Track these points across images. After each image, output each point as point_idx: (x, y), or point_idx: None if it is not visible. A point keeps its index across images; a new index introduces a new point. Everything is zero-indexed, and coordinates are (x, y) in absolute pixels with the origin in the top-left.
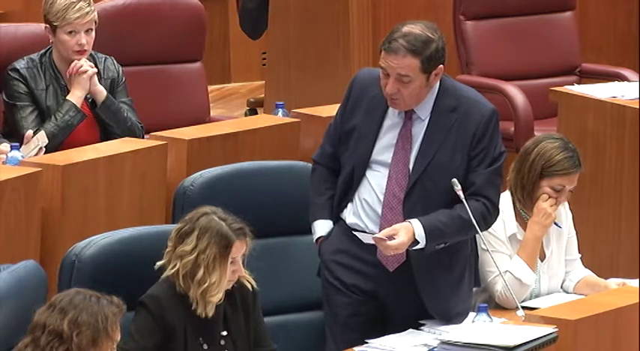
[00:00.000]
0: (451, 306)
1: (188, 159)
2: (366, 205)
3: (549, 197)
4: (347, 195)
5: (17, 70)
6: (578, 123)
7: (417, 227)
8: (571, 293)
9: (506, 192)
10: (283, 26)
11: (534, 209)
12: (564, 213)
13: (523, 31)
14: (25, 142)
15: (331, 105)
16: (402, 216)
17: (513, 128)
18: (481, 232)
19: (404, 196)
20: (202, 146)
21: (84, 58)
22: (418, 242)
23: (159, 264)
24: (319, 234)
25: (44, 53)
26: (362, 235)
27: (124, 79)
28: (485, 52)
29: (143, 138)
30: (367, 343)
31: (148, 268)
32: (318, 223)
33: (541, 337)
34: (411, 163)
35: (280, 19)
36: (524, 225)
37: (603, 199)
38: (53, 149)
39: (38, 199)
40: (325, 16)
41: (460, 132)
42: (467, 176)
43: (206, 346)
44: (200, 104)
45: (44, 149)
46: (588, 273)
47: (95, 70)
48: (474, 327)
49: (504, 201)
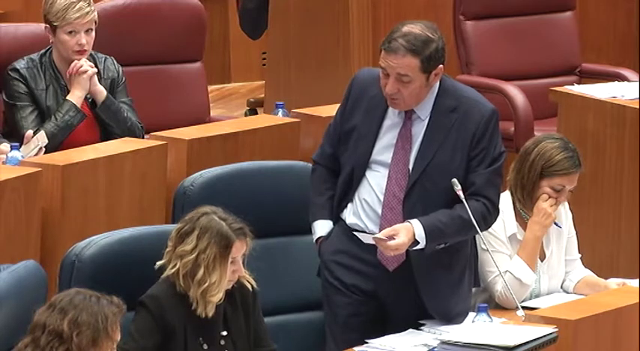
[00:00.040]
0: (451, 306)
1: (188, 159)
2: (366, 205)
3: (549, 197)
4: (347, 195)
5: (17, 70)
6: (578, 123)
7: (417, 227)
8: (571, 293)
9: (506, 192)
10: (283, 26)
11: (534, 209)
12: (564, 213)
13: (523, 31)
14: (25, 142)
15: (331, 105)
16: (402, 216)
17: (513, 128)
18: (481, 232)
19: (404, 196)
20: (202, 146)
21: (84, 58)
22: (418, 242)
23: (159, 264)
24: (319, 234)
25: (44, 53)
26: (362, 236)
27: (124, 79)
28: (485, 52)
29: (143, 138)
30: (367, 343)
31: (148, 268)
32: (318, 224)
33: (541, 337)
34: (411, 163)
35: (280, 19)
36: (524, 225)
37: (603, 199)
38: (53, 149)
39: (38, 199)
40: (325, 16)
41: (460, 132)
42: (467, 176)
43: (206, 346)
44: (200, 104)
45: (44, 149)
46: (588, 273)
47: (95, 70)
48: (474, 327)
49: (504, 201)
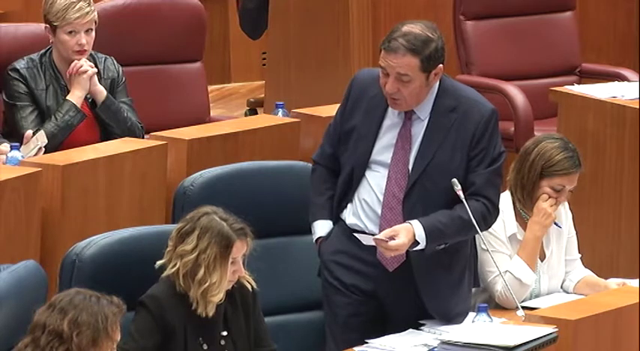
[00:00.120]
0: (451, 306)
1: (188, 159)
2: (366, 206)
3: (549, 197)
4: (347, 195)
5: (17, 70)
6: (578, 123)
7: (418, 228)
8: (571, 293)
9: (506, 192)
10: (283, 26)
11: (534, 209)
12: (564, 213)
13: (523, 31)
14: (25, 142)
15: (331, 105)
16: (402, 216)
17: (513, 128)
18: (481, 232)
19: (403, 197)
20: (202, 146)
21: (84, 58)
22: (418, 243)
23: (159, 263)
24: (319, 234)
25: (44, 53)
26: (362, 237)
27: (124, 79)
28: (485, 52)
29: (143, 138)
30: (367, 343)
31: (148, 268)
32: (317, 224)
33: (541, 337)
34: (411, 164)
35: (280, 19)
36: (524, 225)
37: (603, 199)
38: (53, 149)
39: (38, 199)
40: (325, 16)
41: (460, 132)
42: (466, 176)
43: (206, 346)
44: (200, 104)
45: (44, 149)
46: (588, 273)
47: (95, 70)
48: (474, 327)
49: (504, 201)
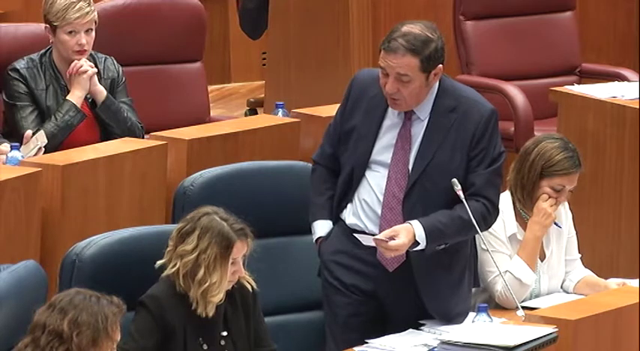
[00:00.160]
0: (451, 306)
1: (188, 159)
2: (366, 206)
3: (549, 197)
4: (347, 195)
5: (17, 70)
6: (578, 123)
7: (418, 228)
8: (571, 293)
9: (506, 192)
10: (283, 26)
11: (534, 209)
12: (564, 213)
13: (523, 31)
14: (25, 142)
15: (331, 105)
16: (402, 216)
17: (513, 128)
18: (481, 233)
19: (403, 197)
20: (202, 146)
21: (84, 58)
22: (418, 243)
23: (159, 263)
24: (319, 234)
25: (44, 53)
26: (362, 238)
27: (124, 79)
28: (485, 52)
29: (143, 138)
30: (367, 343)
31: (148, 268)
32: (317, 224)
33: (541, 337)
34: (411, 164)
35: (280, 19)
36: (524, 225)
37: (603, 199)
38: (53, 149)
39: (38, 199)
40: (325, 16)
41: (459, 132)
42: (466, 176)
43: (206, 347)
44: (200, 104)
45: (43, 149)
46: (588, 273)
47: (95, 70)
48: (474, 327)
49: (504, 201)
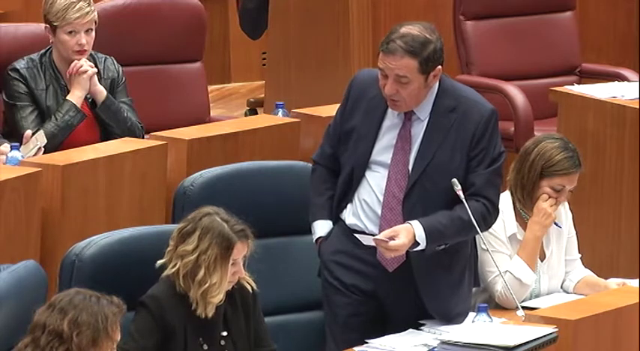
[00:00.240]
0: (451, 306)
1: (188, 159)
2: (366, 206)
3: (549, 197)
4: (346, 195)
5: (17, 70)
6: (578, 123)
7: (418, 229)
8: (571, 293)
9: (506, 192)
10: (283, 26)
11: (534, 209)
12: (564, 213)
13: (523, 31)
14: (24, 142)
15: (331, 105)
16: (402, 217)
17: (513, 128)
18: (481, 233)
19: (403, 197)
20: (202, 146)
21: (84, 58)
22: (419, 243)
23: (160, 262)
24: (319, 234)
25: (44, 53)
26: (362, 238)
27: (124, 79)
28: (485, 52)
29: (143, 138)
30: (367, 343)
31: (148, 268)
32: (317, 224)
33: (541, 337)
34: (411, 164)
35: (280, 19)
36: (524, 225)
37: (603, 199)
38: (53, 149)
39: (38, 199)
40: (325, 16)
41: (459, 132)
42: (466, 177)
43: (206, 347)
44: (200, 104)
45: (43, 149)
46: (588, 273)
47: (95, 70)
48: (474, 327)
49: (504, 201)
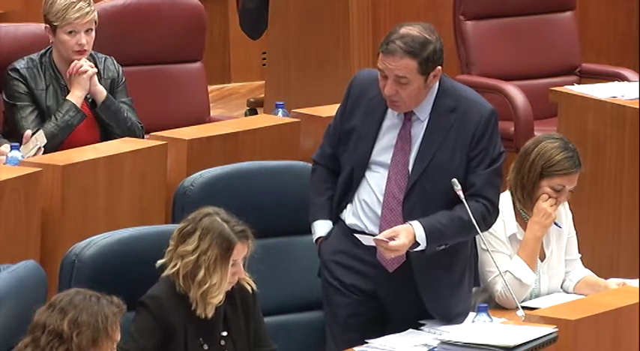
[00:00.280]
0: (451, 306)
1: (188, 159)
2: (366, 206)
3: (549, 197)
4: (346, 195)
5: (17, 70)
6: (578, 123)
7: (418, 229)
8: (571, 293)
9: (506, 192)
10: (283, 26)
11: (534, 209)
12: (564, 213)
13: (523, 31)
14: (24, 143)
15: (331, 105)
16: (402, 217)
17: (513, 128)
18: (481, 233)
19: (403, 197)
20: (202, 146)
21: (84, 58)
22: (419, 244)
23: (160, 262)
24: (319, 234)
25: (44, 53)
26: (362, 238)
27: (124, 79)
28: (485, 52)
29: (143, 138)
30: (367, 343)
31: (148, 268)
32: (317, 224)
33: (541, 337)
34: (411, 164)
35: (280, 19)
36: (524, 225)
37: (603, 199)
38: (53, 149)
39: (38, 199)
40: (325, 16)
41: (459, 132)
42: (466, 177)
43: (206, 347)
44: (200, 104)
45: (42, 149)
46: (588, 273)
47: (95, 70)
48: (474, 327)
49: (504, 201)
